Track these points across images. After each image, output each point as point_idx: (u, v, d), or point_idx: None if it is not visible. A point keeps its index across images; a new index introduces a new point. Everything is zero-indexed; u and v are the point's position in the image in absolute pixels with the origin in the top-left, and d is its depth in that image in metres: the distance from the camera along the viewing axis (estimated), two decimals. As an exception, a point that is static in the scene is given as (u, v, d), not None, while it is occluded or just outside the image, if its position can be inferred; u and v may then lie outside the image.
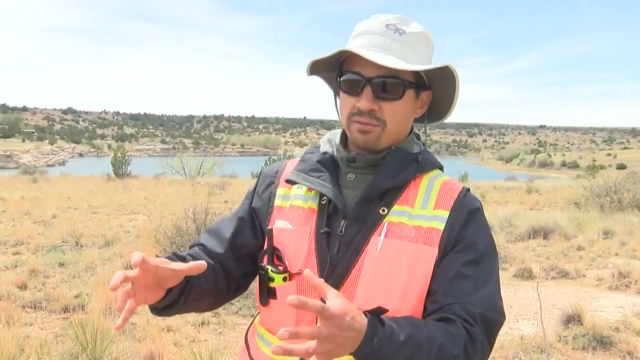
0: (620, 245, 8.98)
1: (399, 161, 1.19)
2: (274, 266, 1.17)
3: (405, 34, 1.17)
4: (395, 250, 1.12)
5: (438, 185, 1.21)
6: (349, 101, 1.18)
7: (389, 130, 1.18)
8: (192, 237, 6.99)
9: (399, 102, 1.17)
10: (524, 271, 7.27)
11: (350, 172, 1.22)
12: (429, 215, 1.16)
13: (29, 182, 22.64)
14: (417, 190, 1.19)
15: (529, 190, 24.16)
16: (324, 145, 1.30)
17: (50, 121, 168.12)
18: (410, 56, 1.16)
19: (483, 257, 1.15)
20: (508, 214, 11.66)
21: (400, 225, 1.15)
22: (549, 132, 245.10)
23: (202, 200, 10.46)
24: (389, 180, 1.17)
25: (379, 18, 1.20)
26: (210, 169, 32.15)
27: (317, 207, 1.21)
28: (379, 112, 1.17)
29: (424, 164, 1.22)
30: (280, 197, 1.28)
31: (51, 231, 10.05)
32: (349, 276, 1.13)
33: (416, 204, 1.18)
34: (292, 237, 1.20)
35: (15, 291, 5.90)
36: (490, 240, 1.19)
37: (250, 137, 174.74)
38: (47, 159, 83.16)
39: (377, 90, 1.15)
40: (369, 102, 1.15)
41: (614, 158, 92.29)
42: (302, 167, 1.26)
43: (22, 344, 4.17)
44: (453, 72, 1.17)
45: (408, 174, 1.19)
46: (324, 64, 1.22)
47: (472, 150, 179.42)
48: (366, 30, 1.19)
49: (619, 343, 4.64)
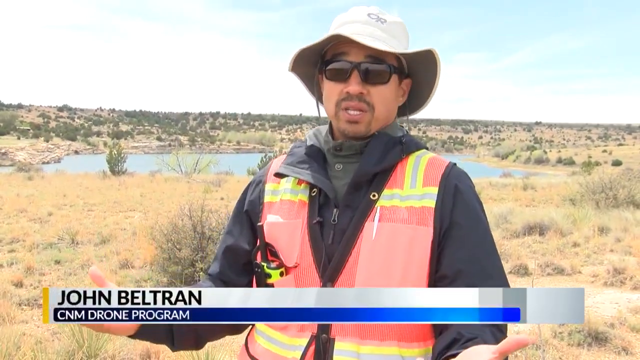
0: (615, 241, 9.01)
1: (383, 145, 1.20)
2: (269, 262, 1.17)
3: (387, 23, 1.21)
4: (390, 233, 1.12)
5: (424, 163, 1.22)
6: (337, 88, 1.20)
7: (377, 116, 1.20)
8: (189, 234, 6.98)
9: (385, 86, 1.20)
10: (520, 268, 7.30)
11: (337, 163, 1.23)
12: (419, 194, 1.16)
13: (24, 180, 22.57)
14: (404, 171, 1.20)
15: (524, 187, 24.19)
16: (310, 139, 1.31)
17: (45, 118, 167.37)
18: (393, 42, 1.19)
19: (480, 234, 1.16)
20: (504, 211, 11.68)
21: (393, 208, 1.15)
22: (544, 129, 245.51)
23: (198, 197, 10.46)
24: (375, 165, 1.18)
25: (360, 9, 1.23)
26: (206, 166, 32.10)
27: (307, 199, 1.22)
28: (368, 96, 1.18)
29: (408, 145, 1.23)
30: (270, 192, 1.29)
31: (47, 229, 10.03)
32: (346, 264, 1.13)
33: (405, 184, 1.18)
34: (284, 231, 1.20)
35: (11, 289, 5.90)
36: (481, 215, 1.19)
37: (246, 134, 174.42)
38: (43, 156, 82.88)
39: (365, 74, 1.17)
40: (358, 85, 1.17)
41: (610, 154, 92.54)
42: (290, 161, 1.27)
43: (18, 341, 4.16)
44: (435, 58, 1.20)
45: (394, 156, 1.20)
46: (305, 58, 1.24)
47: (468, 147, 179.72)
48: (349, 20, 1.22)
49: (614, 339, 4.67)
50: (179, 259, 6.74)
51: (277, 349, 1.17)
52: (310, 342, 1.12)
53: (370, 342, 1.10)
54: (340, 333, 1.11)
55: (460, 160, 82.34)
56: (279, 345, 1.17)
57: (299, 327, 1.14)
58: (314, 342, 1.12)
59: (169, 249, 6.88)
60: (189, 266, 6.64)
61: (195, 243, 6.85)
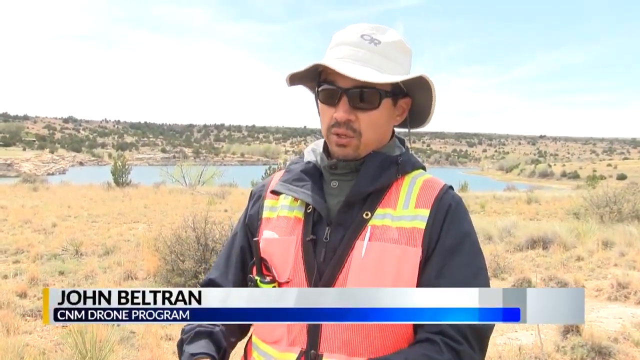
0: (619, 255, 8.96)
1: (378, 164, 1.21)
2: (263, 277, 1.18)
3: (381, 44, 1.19)
4: (379, 253, 1.13)
5: (419, 184, 1.22)
6: (328, 112, 1.20)
7: (365, 140, 1.20)
8: (192, 245, 6.99)
9: (375, 111, 1.19)
10: (523, 281, 7.26)
11: (333, 180, 1.24)
12: (411, 215, 1.17)
13: (29, 191, 22.63)
14: (398, 192, 1.21)
15: (528, 201, 24.13)
16: (307, 155, 1.31)
17: (51, 130, 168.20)
18: (386, 66, 1.18)
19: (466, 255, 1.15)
20: (507, 224, 11.66)
21: (384, 227, 1.16)
22: (549, 142, 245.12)
23: (202, 209, 10.47)
24: (369, 185, 1.19)
25: (354, 29, 1.21)
26: (210, 178, 32.10)
27: (303, 216, 1.23)
28: (355, 122, 1.18)
29: (403, 165, 1.23)
30: (268, 208, 1.31)
31: (51, 240, 10.06)
32: (336, 281, 1.14)
33: (398, 205, 1.19)
34: (279, 247, 1.22)
35: (15, 299, 5.92)
36: (473, 240, 1.18)
37: (250, 146, 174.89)
38: (48, 167, 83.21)
39: (353, 101, 1.17)
40: (345, 112, 1.17)
41: (614, 168, 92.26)
42: (286, 178, 1.28)
43: (21, 352, 4.17)
44: (428, 83, 1.18)
45: (388, 177, 1.20)
46: (304, 76, 1.24)
47: (472, 160, 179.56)
48: (342, 42, 1.20)
49: (618, 354, 4.64)
50: (183, 271, 6.76)
51: None
52: (299, 358, 1.13)
53: (358, 359, 1.11)
54: (329, 349, 1.12)
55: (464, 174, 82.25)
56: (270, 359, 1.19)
57: (289, 342, 1.16)
58: (303, 357, 1.13)
59: (172, 261, 6.90)
60: (192, 277, 6.66)
61: (199, 255, 6.87)
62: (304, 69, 1.19)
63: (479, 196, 25.44)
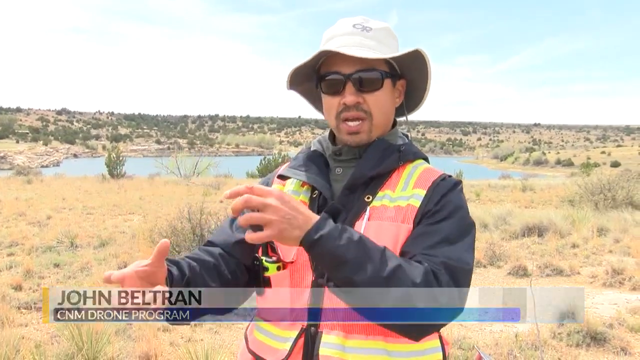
0: (614, 242, 9.02)
1: (381, 151, 1.26)
2: (268, 257, 1.22)
3: (372, 30, 1.27)
4: (375, 231, 1.17)
5: (420, 171, 1.27)
6: (334, 101, 1.27)
7: (376, 122, 1.27)
8: (188, 236, 6.99)
9: (380, 92, 1.25)
10: (519, 269, 7.30)
11: (337, 167, 1.31)
12: (408, 195, 1.21)
13: (23, 183, 22.55)
14: (399, 177, 1.26)
15: (523, 189, 24.23)
16: (314, 145, 1.39)
17: (44, 122, 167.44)
18: (381, 48, 1.25)
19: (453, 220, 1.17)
20: (503, 212, 11.69)
21: (382, 207, 1.20)
22: (543, 130, 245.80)
23: (197, 200, 10.47)
24: (371, 169, 1.24)
25: (345, 21, 1.29)
26: (205, 169, 32.13)
27: (308, 200, 1.28)
28: (364, 104, 1.25)
29: (405, 153, 1.28)
30: None
31: (46, 232, 10.02)
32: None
33: (397, 187, 1.24)
34: None
35: (10, 292, 5.90)
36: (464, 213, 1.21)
37: (245, 136, 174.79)
38: (42, 159, 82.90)
39: (357, 85, 1.23)
40: (353, 95, 1.23)
41: (608, 156, 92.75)
42: (293, 164, 1.35)
43: (17, 344, 4.16)
44: (424, 56, 1.25)
45: (390, 163, 1.25)
46: (302, 75, 1.30)
47: (466, 149, 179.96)
48: (335, 34, 1.28)
49: (613, 339, 4.67)
50: (178, 262, 6.74)
51: (270, 341, 1.24)
52: (299, 335, 1.19)
53: (356, 336, 1.16)
54: (328, 327, 1.17)
55: (459, 162, 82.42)
56: (271, 337, 1.24)
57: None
58: (303, 334, 1.18)
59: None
60: (188, 269, 6.65)
61: (195, 245, 6.86)
62: (311, 58, 1.24)
63: (474, 185, 25.48)
